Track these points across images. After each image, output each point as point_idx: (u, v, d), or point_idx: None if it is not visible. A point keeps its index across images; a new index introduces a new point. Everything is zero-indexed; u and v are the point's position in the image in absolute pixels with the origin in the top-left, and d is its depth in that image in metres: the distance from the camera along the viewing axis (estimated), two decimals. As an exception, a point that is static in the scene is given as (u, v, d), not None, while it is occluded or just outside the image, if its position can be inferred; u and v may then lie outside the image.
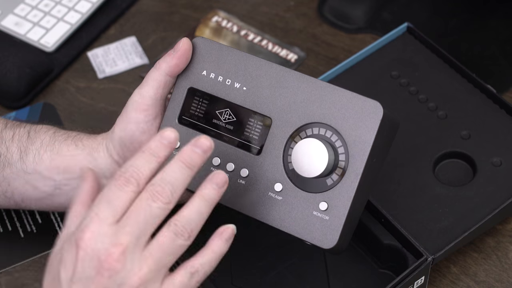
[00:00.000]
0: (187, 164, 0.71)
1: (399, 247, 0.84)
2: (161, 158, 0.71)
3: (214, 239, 0.72)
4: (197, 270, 0.71)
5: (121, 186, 0.70)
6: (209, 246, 0.72)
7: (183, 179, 0.70)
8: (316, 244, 0.76)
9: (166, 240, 0.69)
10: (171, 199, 0.70)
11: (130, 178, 0.70)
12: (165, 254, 0.69)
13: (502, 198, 0.86)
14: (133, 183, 0.70)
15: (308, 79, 0.78)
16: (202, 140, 0.71)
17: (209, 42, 0.81)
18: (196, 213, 0.71)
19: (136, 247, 0.68)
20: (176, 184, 0.70)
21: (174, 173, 0.70)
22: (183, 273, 0.70)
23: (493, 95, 0.93)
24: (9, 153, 0.84)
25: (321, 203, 0.76)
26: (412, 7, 1.10)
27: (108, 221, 0.69)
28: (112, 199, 0.69)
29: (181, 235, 0.70)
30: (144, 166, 0.70)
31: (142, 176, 0.70)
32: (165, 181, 0.70)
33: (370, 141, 0.75)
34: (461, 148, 0.90)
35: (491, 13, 1.08)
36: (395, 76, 0.96)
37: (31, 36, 1.08)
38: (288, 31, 1.09)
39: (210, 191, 0.72)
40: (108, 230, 0.68)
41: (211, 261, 0.72)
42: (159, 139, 0.71)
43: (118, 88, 1.05)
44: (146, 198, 0.69)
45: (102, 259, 0.68)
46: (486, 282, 0.87)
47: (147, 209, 0.69)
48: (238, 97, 0.80)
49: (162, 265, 0.69)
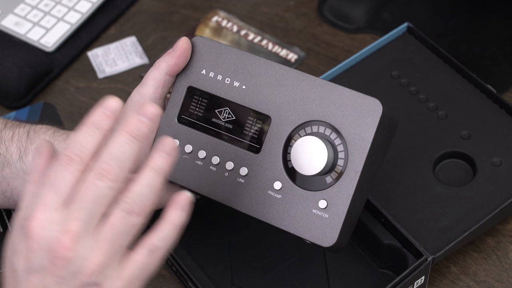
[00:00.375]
0: (133, 135, 0.65)
1: (399, 247, 0.84)
2: (105, 130, 0.65)
3: (170, 210, 0.67)
4: (156, 246, 0.66)
5: (64, 166, 0.65)
6: (166, 218, 0.67)
7: (131, 152, 0.65)
8: (315, 243, 0.76)
9: (117, 220, 0.65)
10: (120, 174, 0.65)
11: (73, 156, 0.65)
12: (118, 235, 0.65)
13: (502, 198, 0.86)
14: (76, 161, 0.65)
15: (307, 77, 0.78)
16: (148, 108, 0.66)
17: (208, 41, 0.81)
18: (146, 186, 0.66)
19: (86, 232, 0.64)
20: (123, 158, 0.65)
21: (120, 147, 0.65)
22: (142, 252, 0.66)
23: (493, 95, 0.93)
24: (8, 153, 0.84)
25: (321, 201, 0.76)
26: (412, 7, 1.10)
27: (54, 205, 0.64)
28: (56, 181, 0.65)
29: (133, 212, 0.65)
30: (87, 140, 0.65)
31: (86, 152, 0.65)
32: (110, 156, 0.65)
33: (369, 138, 0.75)
34: (461, 148, 0.90)
35: (491, 13, 1.08)
36: (395, 76, 0.96)
37: (31, 36, 1.08)
38: (288, 31, 1.09)
39: (159, 160, 0.66)
40: (55, 216, 0.64)
41: (170, 234, 0.67)
42: (101, 110, 0.65)
43: (118, 88, 1.05)
44: (92, 177, 0.64)
45: (53, 248, 0.64)
46: (486, 282, 0.87)
47: (94, 190, 0.64)
48: (237, 95, 0.80)
49: (118, 247, 0.65)
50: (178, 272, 0.85)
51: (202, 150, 0.80)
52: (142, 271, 0.66)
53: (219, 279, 0.85)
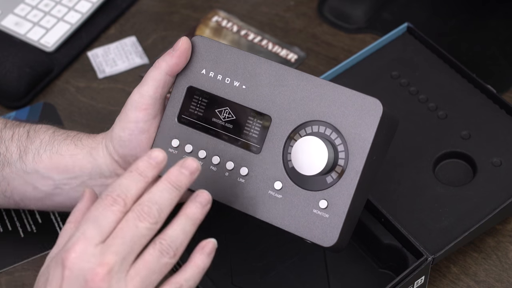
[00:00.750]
0: (174, 185, 0.71)
1: (399, 247, 0.84)
2: (148, 178, 0.71)
3: (196, 254, 0.72)
4: (182, 286, 0.71)
5: (108, 206, 0.69)
6: (192, 261, 0.72)
7: (170, 199, 0.71)
8: (316, 243, 0.76)
9: (151, 259, 0.69)
10: (158, 219, 0.70)
11: (117, 198, 0.70)
12: (150, 272, 0.69)
13: (502, 198, 0.86)
14: (120, 203, 0.70)
15: (308, 77, 0.78)
16: (189, 162, 0.72)
17: (208, 41, 0.81)
18: (181, 231, 0.71)
19: (122, 267, 0.68)
20: (163, 204, 0.70)
21: (161, 193, 0.70)
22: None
23: (493, 95, 0.93)
24: (8, 153, 0.84)
25: (321, 201, 0.76)
26: (412, 7, 1.10)
27: (94, 240, 0.68)
28: (98, 219, 0.69)
29: (167, 253, 0.70)
30: (131, 185, 0.70)
31: (129, 196, 0.70)
32: (152, 201, 0.70)
33: (369, 138, 0.75)
34: (461, 148, 0.90)
35: (491, 13, 1.08)
36: (395, 76, 0.96)
37: (31, 36, 1.08)
38: (288, 31, 1.09)
39: (194, 210, 0.72)
40: (94, 250, 0.68)
41: (194, 276, 0.72)
42: (147, 159, 0.71)
43: (118, 88, 1.05)
44: (133, 218, 0.69)
45: (88, 278, 0.67)
46: (486, 282, 0.87)
47: (134, 229, 0.69)
48: (237, 95, 0.80)
49: (148, 284, 0.69)
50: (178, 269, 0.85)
51: (202, 150, 0.80)
52: None
53: (219, 279, 0.85)
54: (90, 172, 0.83)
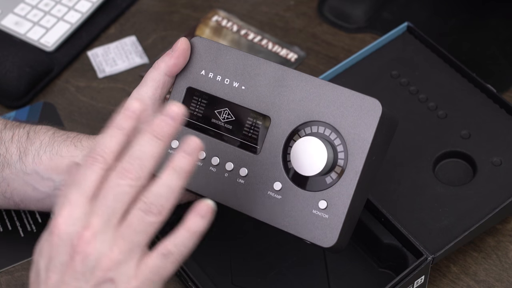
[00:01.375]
0: (156, 135, 0.67)
1: (399, 247, 0.84)
2: (126, 130, 0.67)
3: (189, 216, 0.67)
4: (170, 251, 0.67)
5: (88, 166, 0.67)
6: (184, 224, 0.67)
7: (153, 152, 0.66)
8: (315, 243, 0.76)
9: (135, 219, 0.66)
10: (141, 174, 0.66)
11: (96, 156, 0.67)
12: (135, 233, 0.66)
13: (502, 198, 0.86)
14: (99, 161, 0.67)
15: (307, 78, 0.78)
16: (171, 107, 0.67)
17: (208, 42, 0.81)
18: (165, 186, 0.67)
19: (107, 228, 0.66)
20: (145, 158, 0.66)
21: (141, 147, 0.66)
22: (155, 254, 0.67)
23: (493, 95, 0.93)
24: (8, 154, 0.84)
25: (321, 201, 0.76)
26: (412, 6, 1.10)
27: (78, 203, 0.66)
28: (80, 180, 0.67)
29: (150, 212, 0.66)
30: (109, 141, 0.67)
31: (109, 151, 0.67)
32: (132, 156, 0.66)
33: (369, 139, 0.75)
34: (461, 147, 0.90)
35: (491, 13, 1.08)
36: (395, 75, 0.96)
37: (31, 35, 1.08)
38: (288, 31, 1.09)
39: (180, 161, 0.67)
40: (79, 212, 0.66)
41: (185, 241, 0.67)
42: (123, 111, 0.68)
43: (118, 87, 1.05)
44: (114, 176, 0.66)
45: (74, 243, 0.65)
46: (486, 281, 0.87)
47: (116, 188, 0.66)
48: (236, 96, 0.80)
49: (134, 245, 0.66)
50: (178, 272, 0.85)
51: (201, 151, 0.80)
52: (155, 275, 0.67)
53: (219, 278, 0.85)
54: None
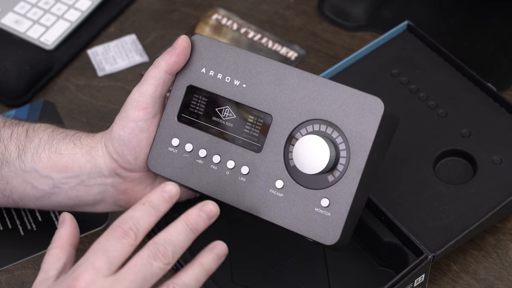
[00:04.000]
0: (191, 227, 0.70)
1: (399, 245, 0.84)
2: (160, 212, 0.70)
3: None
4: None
5: (118, 238, 0.68)
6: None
7: (186, 242, 0.70)
8: (318, 241, 0.76)
9: None
10: (171, 260, 0.69)
11: (129, 230, 0.69)
12: None
13: (502, 196, 0.86)
14: (131, 236, 0.69)
15: (308, 76, 0.78)
16: (209, 206, 0.71)
17: (208, 40, 0.81)
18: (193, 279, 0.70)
19: None
20: (178, 246, 0.69)
21: (177, 235, 0.69)
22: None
23: (493, 93, 0.93)
24: (7, 152, 0.84)
25: (323, 199, 0.76)
26: (412, 5, 1.10)
27: (103, 272, 0.67)
28: (108, 250, 0.68)
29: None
30: (143, 219, 0.69)
31: (141, 229, 0.69)
32: (168, 241, 0.69)
33: (371, 137, 0.75)
34: (461, 146, 0.90)
35: (491, 12, 1.08)
36: (395, 74, 0.96)
37: (31, 34, 1.08)
38: (288, 29, 1.09)
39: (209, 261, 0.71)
40: (102, 282, 0.67)
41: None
42: (160, 193, 0.70)
43: (118, 86, 1.05)
44: (147, 255, 0.68)
45: None
46: (486, 280, 0.87)
47: (148, 267, 0.68)
48: (238, 94, 0.80)
49: None
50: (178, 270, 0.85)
51: (202, 149, 0.80)
52: None
53: (220, 276, 0.85)
54: (89, 171, 0.83)
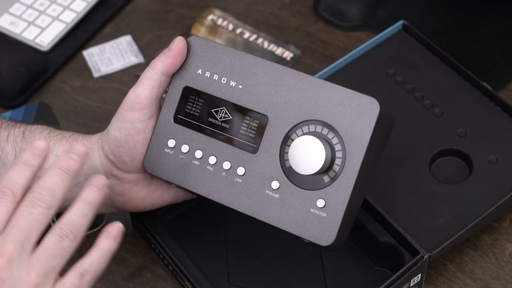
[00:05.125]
0: (64, 170, 0.71)
1: (395, 245, 0.84)
2: (34, 167, 0.71)
3: (102, 238, 0.72)
4: (87, 270, 0.70)
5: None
6: (97, 244, 0.72)
7: (62, 184, 0.71)
8: (313, 242, 0.76)
9: (51, 244, 0.69)
10: (52, 203, 0.70)
11: (5, 189, 0.70)
12: (51, 257, 0.69)
13: (498, 196, 0.86)
14: (8, 194, 0.70)
15: (304, 77, 0.78)
16: (77, 147, 0.72)
17: (204, 41, 0.81)
18: (79, 215, 0.71)
19: (21, 254, 0.68)
20: (54, 189, 0.70)
21: (51, 179, 0.71)
22: (72, 274, 0.70)
23: (489, 93, 0.93)
24: (3, 154, 0.83)
25: (319, 200, 0.76)
26: (407, 5, 1.10)
27: None
28: None
29: (66, 237, 0.70)
30: (17, 176, 0.71)
31: (17, 186, 0.70)
32: (42, 187, 0.70)
33: (367, 137, 0.75)
34: (457, 145, 0.90)
35: (486, 11, 1.08)
36: (391, 74, 0.96)
37: (26, 35, 1.08)
38: (283, 29, 1.09)
39: (91, 194, 0.72)
40: None
41: (100, 260, 0.71)
42: (30, 149, 0.72)
43: (114, 87, 1.05)
44: (25, 206, 0.69)
45: None
46: (482, 279, 0.87)
47: (28, 216, 0.69)
48: (233, 95, 0.80)
49: (50, 269, 0.69)
50: (175, 271, 0.85)
51: (198, 150, 0.80)
52: None
53: (216, 277, 0.85)
54: (85, 173, 0.82)
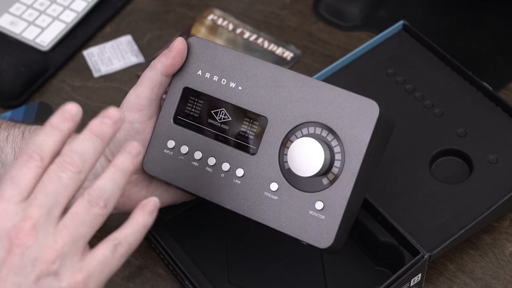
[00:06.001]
0: (96, 134, 0.67)
1: (395, 245, 0.84)
2: (64, 131, 0.67)
3: (137, 212, 0.68)
4: (120, 242, 0.67)
5: (23, 163, 0.66)
6: (132, 218, 0.68)
7: (94, 149, 0.67)
8: (312, 244, 0.76)
9: (80, 210, 0.66)
10: (82, 168, 0.66)
11: (33, 153, 0.66)
12: (80, 224, 0.65)
13: (499, 195, 0.86)
14: (36, 158, 0.66)
15: (304, 78, 0.78)
16: (110, 111, 0.68)
17: (204, 42, 0.81)
18: (111, 181, 0.67)
19: (48, 220, 0.64)
20: (86, 153, 0.66)
21: (83, 143, 0.67)
22: (105, 245, 0.66)
23: (489, 93, 0.93)
24: (3, 154, 0.83)
25: (317, 202, 0.76)
26: (408, 4, 1.10)
27: (14, 199, 0.65)
28: (15, 177, 0.65)
29: (96, 204, 0.66)
30: (46, 140, 0.66)
31: (45, 150, 0.66)
32: (73, 150, 0.66)
33: (366, 140, 0.75)
34: (457, 145, 0.90)
35: (486, 11, 1.08)
36: (391, 74, 0.96)
37: (26, 35, 1.08)
38: (283, 29, 1.09)
39: (124, 160, 0.68)
40: (15, 208, 0.64)
41: (135, 233, 0.67)
42: (61, 113, 0.68)
43: (114, 87, 1.05)
44: (54, 169, 0.66)
45: (12, 235, 0.64)
46: (482, 279, 0.87)
47: (56, 180, 0.65)
48: (233, 96, 0.80)
49: (79, 237, 0.65)
50: (175, 271, 0.85)
51: (198, 151, 0.80)
52: (103, 266, 0.66)
53: (216, 277, 0.85)
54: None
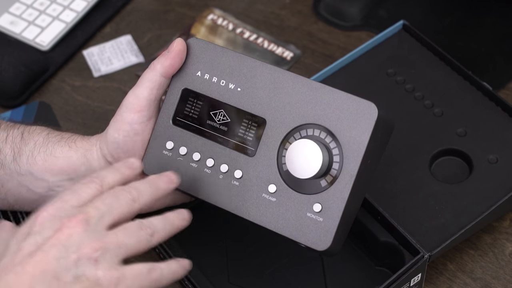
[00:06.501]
0: (154, 183, 0.75)
1: (395, 245, 0.84)
2: (124, 175, 0.75)
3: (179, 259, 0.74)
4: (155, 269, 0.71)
5: (86, 183, 0.73)
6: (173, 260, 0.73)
7: (149, 191, 0.74)
8: (309, 246, 0.76)
9: (131, 226, 0.70)
10: (137, 199, 0.72)
11: (95, 179, 0.73)
12: (128, 236, 0.70)
13: (499, 195, 0.86)
14: (96, 182, 0.73)
15: (303, 80, 0.78)
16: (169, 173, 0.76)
17: (204, 43, 0.81)
18: (162, 221, 0.73)
19: (100, 222, 0.69)
20: (142, 191, 0.73)
21: (142, 185, 0.74)
22: (144, 264, 0.70)
23: (489, 92, 0.93)
24: (2, 155, 0.84)
25: (315, 204, 0.76)
26: (407, 4, 1.10)
27: (71, 202, 0.71)
28: (77, 190, 0.72)
29: (147, 228, 0.71)
30: (107, 175, 0.74)
31: (106, 181, 0.73)
32: (132, 185, 0.73)
33: (364, 142, 0.75)
34: (457, 145, 0.90)
35: (486, 11, 1.08)
36: (391, 73, 0.96)
37: (26, 35, 1.08)
38: (283, 29, 1.09)
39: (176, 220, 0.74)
40: (71, 208, 0.70)
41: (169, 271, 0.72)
42: (125, 161, 0.76)
43: (114, 86, 1.05)
44: (114, 190, 0.72)
45: (65, 220, 0.68)
46: (482, 279, 0.87)
47: (114, 197, 0.71)
48: (232, 98, 0.80)
49: (123, 245, 0.69)
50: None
51: (196, 152, 0.80)
52: (136, 277, 0.70)
53: (216, 277, 0.85)
54: (84, 174, 0.82)
